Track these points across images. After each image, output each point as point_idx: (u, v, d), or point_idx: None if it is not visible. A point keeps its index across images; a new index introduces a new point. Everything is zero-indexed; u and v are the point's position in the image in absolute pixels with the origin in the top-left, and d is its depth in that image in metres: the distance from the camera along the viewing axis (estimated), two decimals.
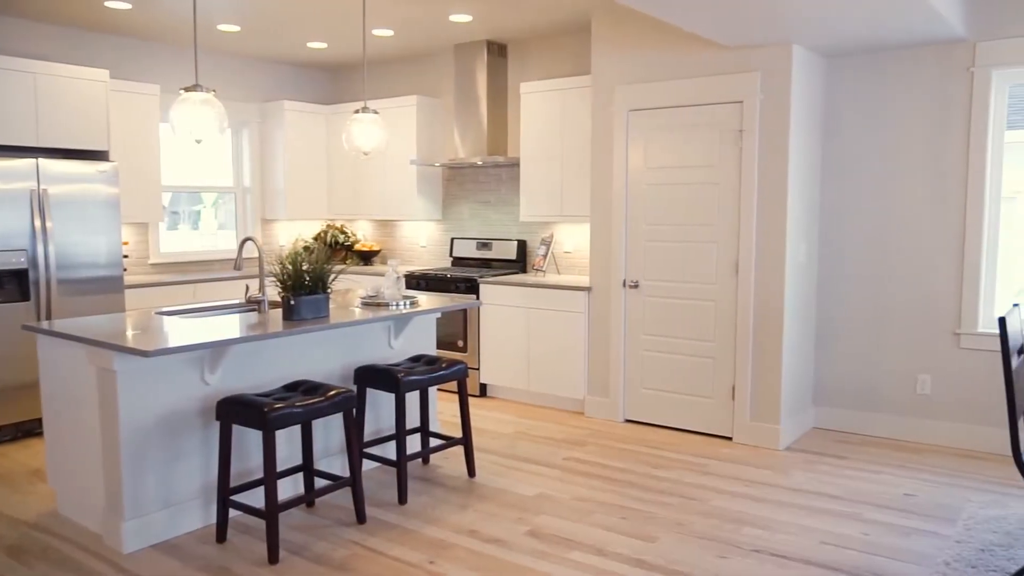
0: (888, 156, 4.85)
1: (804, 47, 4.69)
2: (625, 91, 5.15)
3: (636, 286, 5.23)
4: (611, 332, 5.34)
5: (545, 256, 6.09)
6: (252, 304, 4.37)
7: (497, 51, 6.33)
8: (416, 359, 4.34)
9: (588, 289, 5.43)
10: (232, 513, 3.73)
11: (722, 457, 4.62)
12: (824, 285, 5.13)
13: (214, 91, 3.72)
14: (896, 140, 4.82)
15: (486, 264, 6.61)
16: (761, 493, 4.04)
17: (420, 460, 4.56)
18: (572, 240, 6.18)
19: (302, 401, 3.39)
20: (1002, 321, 2.71)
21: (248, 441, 3.76)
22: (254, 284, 6.47)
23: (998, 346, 4.56)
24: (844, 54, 4.92)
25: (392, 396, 4.52)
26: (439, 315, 6.02)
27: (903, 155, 4.81)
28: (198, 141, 3.70)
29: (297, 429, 3.98)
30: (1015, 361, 2.81)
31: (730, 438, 4.95)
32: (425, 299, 4.62)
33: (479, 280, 5.97)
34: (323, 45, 6.54)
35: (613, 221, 5.27)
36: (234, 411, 3.34)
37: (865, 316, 5.00)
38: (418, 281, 6.30)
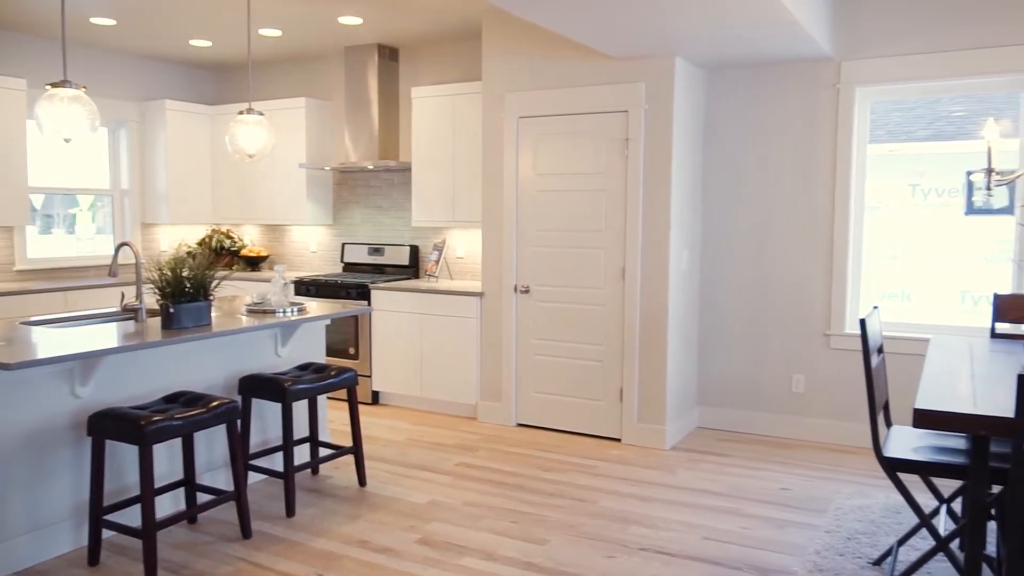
0: (764, 166, 5.10)
1: (686, 60, 4.88)
2: (515, 98, 5.21)
3: (527, 291, 5.29)
4: (503, 337, 5.38)
5: (437, 261, 6.08)
6: (128, 312, 4.17)
7: (388, 55, 6.28)
8: (304, 367, 4.24)
9: (480, 294, 5.46)
10: (107, 534, 3.55)
11: (611, 458, 4.73)
12: (706, 290, 5.34)
13: (85, 88, 3.54)
14: (771, 151, 5.07)
15: (378, 270, 6.54)
16: (648, 492, 4.16)
17: (309, 471, 4.46)
18: (464, 245, 6.19)
19: (182, 413, 3.26)
20: (862, 323, 2.89)
21: (124, 457, 3.58)
22: (131, 291, 6.17)
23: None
24: (723, 67, 5.14)
25: (279, 406, 4.40)
26: (328, 322, 5.91)
27: (778, 166, 5.06)
28: (67, 140, 3.50)
29: (178, 443, 3.82)
30: (874, 360, 3.01)
31: (619, 439, 5.07)
32: (315, 305, 4.53)
33: (371, 286, 5.90)
34: (207, 43, 6.32)
35: (504, 227, 5.32)
36: (107, 425, 3.17)
37: (745, 319, 5.23)
38: (308, 287, 6.17)
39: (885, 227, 5.00)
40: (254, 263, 7.05)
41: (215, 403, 3.40)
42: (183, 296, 3.68)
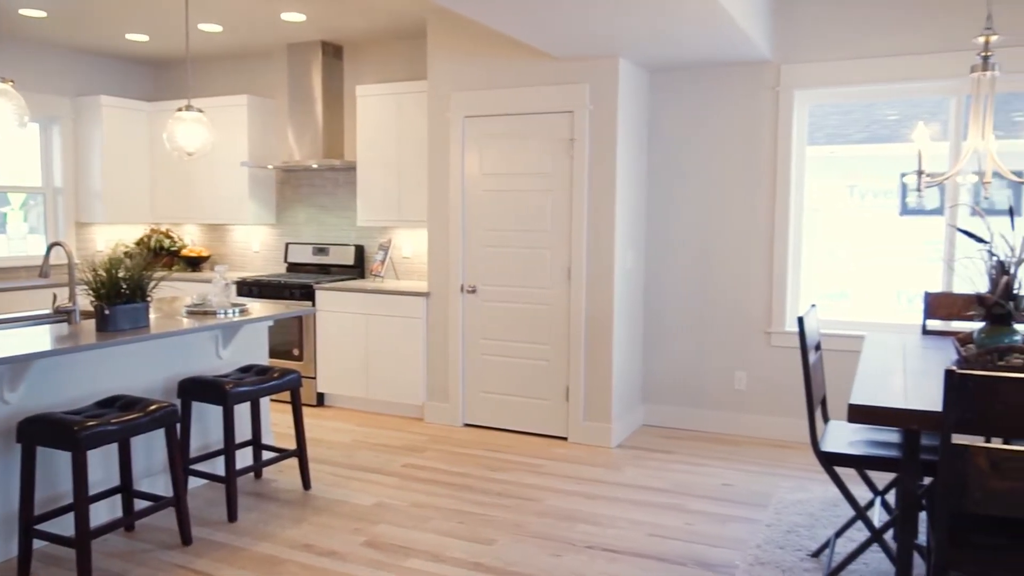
0: (707, 167, 5.18)
1: (630, 61, 4.93)
2: (461, 97, 5.19)
3: (474, 291, 5.28)
4: (449, 337, 5.36)
5: (383, 261, 6.03)
6: (61, 314, 4.04)
7: (332, 52, 6.20)
8: (246, 369, 4.17)
9: (427, 295, 5.43)
10: (37, 544, 3.42)
11: (557, 457, 4.75)
12: (651, 289, 5.40)
13: (12, 82, 3.41)
14: (714, 152, 5.15)
15: (323, 270, 6.45)
16: (594, 490, 4.19)
17: (252, 475, 4.38)
18: (411, 245, 6.15)
19: (118, 418, 3.17)
20: (800, 321, 2.95)
21: (58, 464, 3.46)
22: (64, 293, 5.98)
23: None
24: (667, 69, 5.21)
25: (220, 409, 4.31)
26: (271, 323, 5.82)
27: (720, 167, 5.14)
28: None
29: (114, 448, 3.71)
30: (812, 357, 3.08)
31: (565, 438, 5.10)
32: (258, 306, 4.45)
33: (315, 286, 5.82)
34: (144, 38, 6.15)
35: (451, 226, 5.30)
36: (38, 431, 3.07)
37: (688, 318, 5.30)
38: (250, 288, 6.06)
39: (824, 227, 5.13)
40: (195, 263, 6.90)
41: (153, 407, 3.32)
42: (119, 297, 3.57)
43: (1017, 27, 4.37)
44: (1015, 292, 2.70)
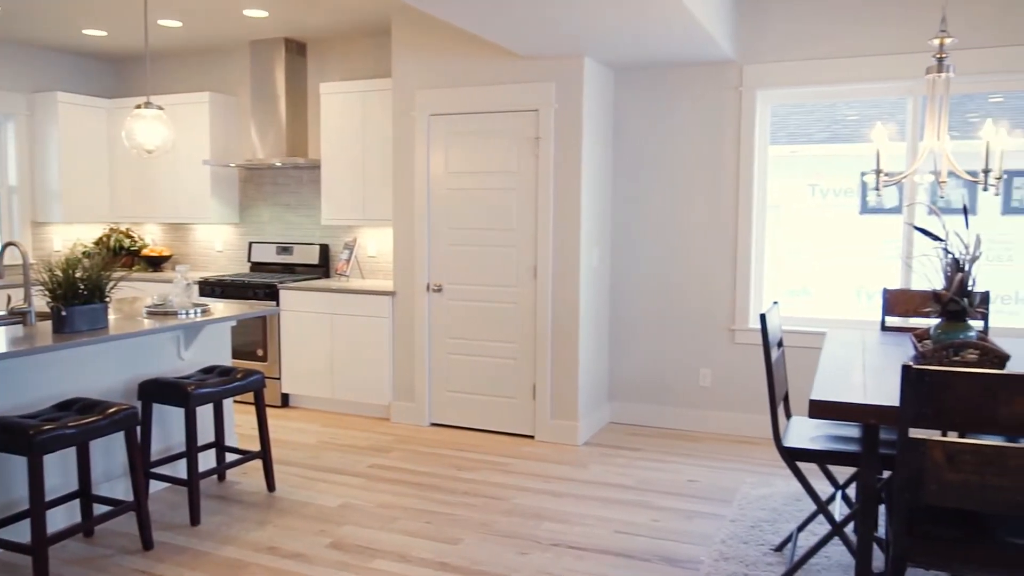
0: (671, 166, 5.22)
1: (595, 60, 4.94)
2: (426, 95, 5.17)
3: (440, 290, 5.26)
4: (415, 336, 5.34)
5: (348, 260, 5.99)
6: (16, 316, 3.94)
7: (296, 49, 6.14)
8: (208, 370, 4.11)
9: (392, 294, 5.40)
10: None
11: (524, 456, 4.75)
12: (616, 287, 5.43)
13: None
14: (678, 151, 5.19)
15: (288, 269, 6.39)
16: (561, 488, 4.20)
17: (215, 477, 4.32)
18: (376, 244, 6.12)
19: (76, 421, 3.11)
20: (763, 317, 2.99)
21: (13, 469, 3.38)
22: (19, 294, 5.84)
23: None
24: (632, 68, 5.24)
25: (182, 411, 4.25)
26: (234, 323, 5.75)
27: (685, 166, 5.19)
28: None
29: (72, 452, 3.64)
30: (775, 353, 3.12)
31: (532, 436, 5.11)
32: (220, 307, 4.39)
33: (279, 286, 5.76)
34: (102, 33, 6.04)
35: (416, 225, 5.28)
36: None
37: (654, 315, 5.34)
38: (213, 288, 5.98)
39: (787, 226, 5.20)
40: (156, 263, 6.79)
41: (112, 409, 3.26)
42: (76, 298, 3.50)
43: (971, 30, 4.47)
44: (969, 289, 2.76)
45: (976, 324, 3.72)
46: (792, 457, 2.95)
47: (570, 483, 4.28)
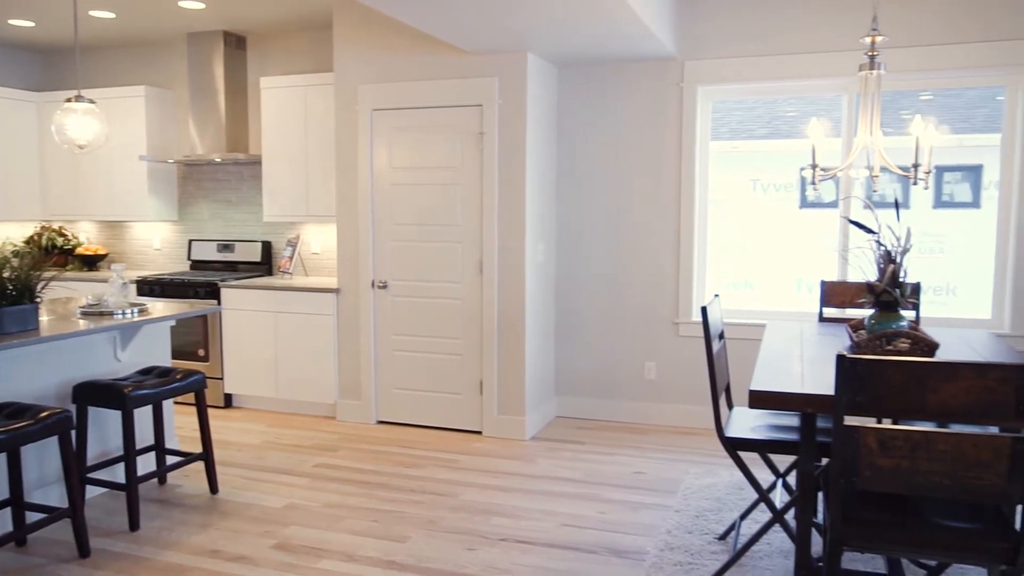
0: (615, 161, 5.26)
1: (538, 56, 4.95)
2: (368, 90, 5.12)
3: (385, 286, 5.22)
4: (361, 334, 5.29)
5: (291, 258, 5.90)
6: None
7: (235, 43, 6.02)
8: (147, 371, 4.01)
9: (336, 291, 5.34)
10: None
11: (472, 451, 4.75)
12: (561, 282, 5.46)
13: None
14: (622, 147, 5.24)
15: (230, 267, 6.26)
16: (508, 483, 4.21)
17: (156, 481, 4.22)
18: (319, 241, 6.04)
19: (4, 426, 3.00)
20: (704, 310, 3.04)
21: None
22: None
23: None
24: (575, 64, 5.26)
25: (119, 414, 4.13)
26: (173, 323, 5.62)
27: (628, 161, 5.23)
28: None
29: (2, 459, 3.51)
30: (716, 345, 3.17)
31: (480, 432, 5.10)
32: (160, 306, 4.28)
33: (220, 284, 5.65)
34: (29, 23, 5.82)
35: (360, 221, 5.23)
36: None
37: (599, 309, 5.38)
38: (152, 287, 5.83)
39: (730, 220, 5.29)
40: (91, 262, 6.59)
41: (44, 413, 3.15)
42: (4, 299, 3.38)
43: (904, 29, 4.60)
44: (901, 280, 2.85)
45: (908, 314, 3.83)
46: (734, 447, 3.00)
47: (518, 478, 4.29)
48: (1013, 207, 4.56)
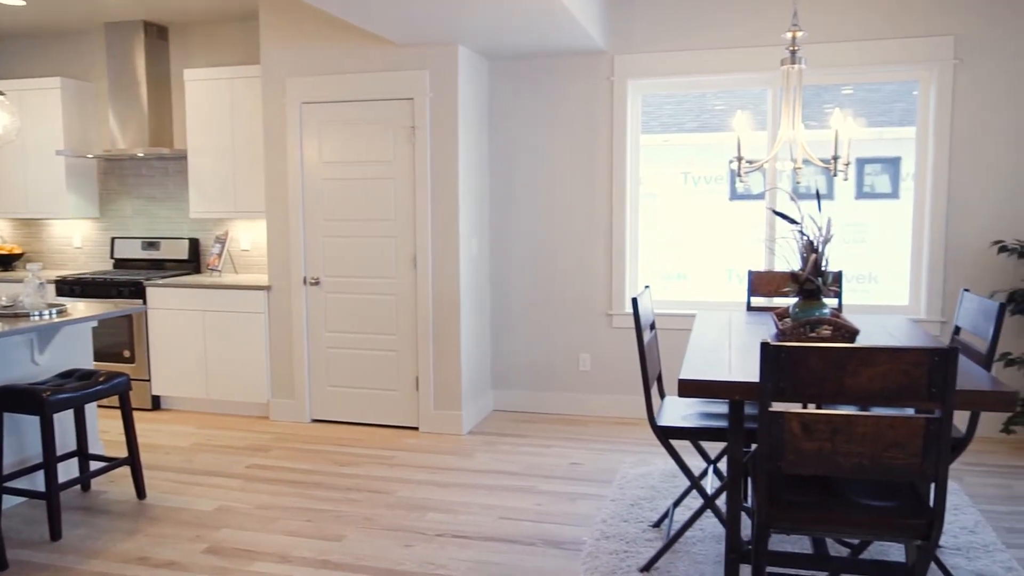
0: (548, 155, 5.28)
1: (469, 49, 4.93)
2: (297, 83, 5.02)
3: (317, 283, 5.14)
4: (293, 331, 5.20)
5: (220, 255, 5.75)
6: None
7: (156, 33, 5.83)
8: (67, 375, 3.86)
9: (267, 288, 5.23)
10: None
11: (408, 447, 4.72)
12: (497, 276, 5.46)
13: None
14: (554, 140, 5.26)
15: (156, 265, 6.08)
16: (446, 478, 4.19)
17: (79, 488, 4.07)
18: (249, 237, 5.90)
19: None
20: (635, 301, 3.08)
21: None
22: None
23: None
24: (507, 58, 5.26)
25: (38, 419, 3.97)
26: (95, 324, 5.43)
27: (561, 154, 5.26)
28: None
29: None
30: (647, 336, 3.21)
31: (416, 428, 5.07)
32: (81, 307, 4.13)
33: (145, 283, 5.47)
34: None
35: (290, 217, 5.13)
36: None
37: (534, 303, 5.40)
38: (72, 287, 5.62)
39: (662, 212, 5.36)
40: (6, 262, 6.31)
41: None
42: None
43: (823, 25, 4.73)
44: (823, 269, 2.93)
45: (831, 302, 3.95)
46: (665, 435, 3.05)
47: (455, 472, 4.28)
48: (927, 198, 4.74)
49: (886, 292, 5.01)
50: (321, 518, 3.68)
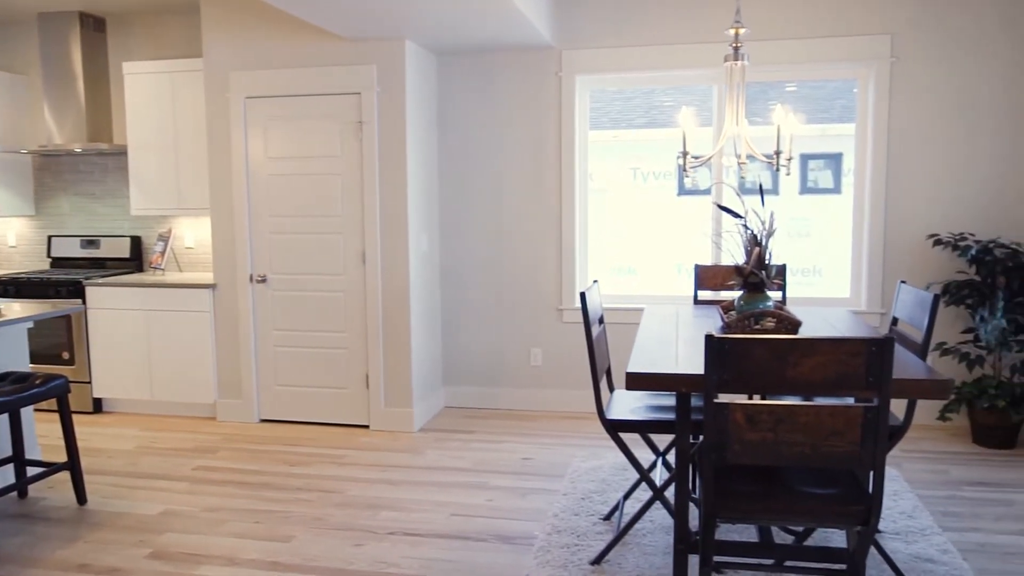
0: (497, 150, 5.28)
1: (417, 43, 4.90)
2: (241, 77, 4.93)
3: (264, 280, 5.06)
4: (240, 330, 5.11)
5: (163, 253, 5.62)
6: None
7: (93, 25, 5.66)
8: (2, 377, 3.73)
9: (213, 286, 5.13)
10: None
11: (360, 446, 4.68)
12: (446, 271, 5.44)
13: None
14: (503, 135, 5.26)
15: (96, 264, 5.91)
16: (397, 476, 4.17)
17: (15, 495, 3.94)
18: (193, 234, 5.78)
19: None
20: (583, 296, 3.09)
21: None
22: None
23: None
24: (455, 52, 5.24)
25: None
26: (30, 325, 5.26)
27: (509, 149, 5.26)
28: None
29: None
30: (596, 330, 3.23)
31: (367, 426, 5.03)
32: (17, 307, 3.99)
33: (85, 282, 5.32)
34: None
35: (236, 213, 5.04)
36: None
37: (484, 298, 5.40)
38: (6, 287, 5.43)
39: (611, 208, 5.40)
40: None
41: None
42: None
43: (766, 23, 4.81)
44: (767, 262, 2.98)
45: (775, 295, 4.03)
46: (615, 429, 3.07)
47: (406, 470, 4.26)
48: (867, 193, 4.86)
49: (829, 285, 5.13)
50: (270, 519, 3.62)
